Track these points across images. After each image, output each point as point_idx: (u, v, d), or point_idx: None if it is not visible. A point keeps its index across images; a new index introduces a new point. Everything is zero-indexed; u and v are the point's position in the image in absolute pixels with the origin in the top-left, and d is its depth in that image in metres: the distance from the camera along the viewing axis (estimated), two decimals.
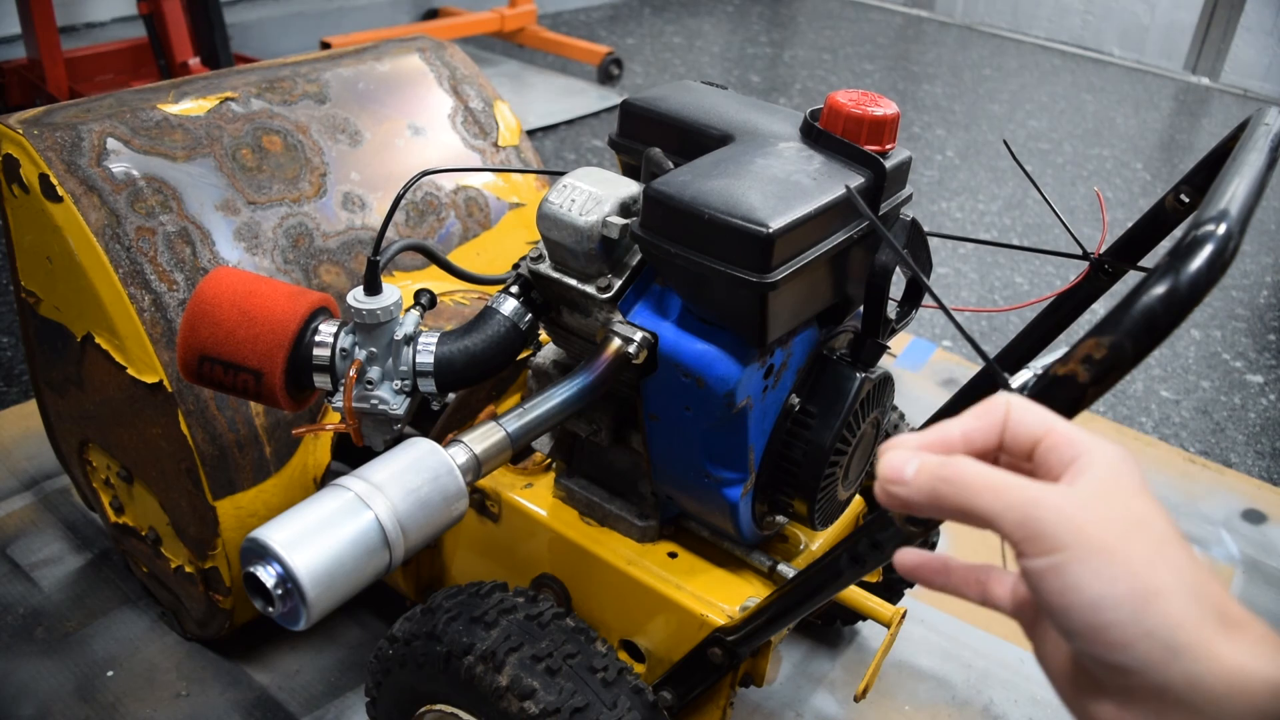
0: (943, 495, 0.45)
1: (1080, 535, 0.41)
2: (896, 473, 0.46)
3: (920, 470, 0.46)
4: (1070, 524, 0.42)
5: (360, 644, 1.42)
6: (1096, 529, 0.41)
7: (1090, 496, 0.43)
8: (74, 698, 1.31)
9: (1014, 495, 0.43)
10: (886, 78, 4.17)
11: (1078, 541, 0.41)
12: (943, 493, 0.45)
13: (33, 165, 1.14)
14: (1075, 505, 0.42)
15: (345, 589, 0.70)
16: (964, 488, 0.44)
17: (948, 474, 0.45)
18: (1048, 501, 0.42)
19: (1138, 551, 0.41)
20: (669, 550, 1.04)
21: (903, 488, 0.46)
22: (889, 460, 0.47)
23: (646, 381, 0.90)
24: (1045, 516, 0.42)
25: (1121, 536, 0.41)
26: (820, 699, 1.40)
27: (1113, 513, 0.42)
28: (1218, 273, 0.54)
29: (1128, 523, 0.42)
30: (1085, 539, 0.41)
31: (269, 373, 0.87)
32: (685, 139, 0.95)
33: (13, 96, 2.78)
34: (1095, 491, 0.43)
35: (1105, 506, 0.42)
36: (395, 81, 1.46)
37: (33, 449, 1.71)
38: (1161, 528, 0.43)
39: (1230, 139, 0.84)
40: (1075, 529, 0.41)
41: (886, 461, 0.47)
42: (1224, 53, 4.38)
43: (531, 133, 3.22)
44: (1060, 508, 0.42)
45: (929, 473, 0.45)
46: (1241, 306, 2.63)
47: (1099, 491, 0.43)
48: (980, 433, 0.48)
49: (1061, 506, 0.42)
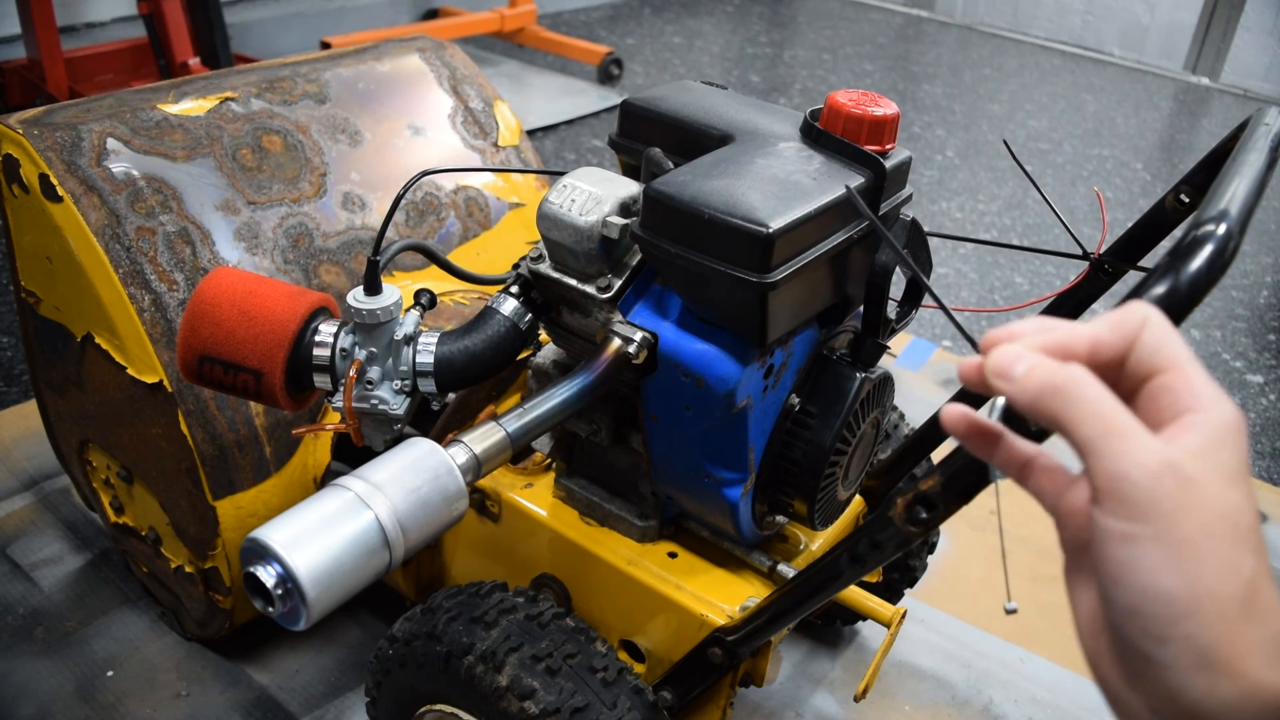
0: (1046, 405, 0.42)
1: (1165, 518, 0.39)
2: (1005, 368, 0.43)
3: (1033, 371, 0.42)
4: (1162, 502, 0.39)
5: (360, 644, 1.42)
6: (1183, 516, 0.39)
7: (1189, 471, 0.39)
8: (74, 698, 1.31)
9: (1119, 443, 0.40)
10: (886, 78, 4.17)
11: (1160, 521, 0.39)
12: (1048, 404, 0.42)
13: (33, 165, 1.14)
14: (1175, 479, 0.39)
15: (345, 589, 0.70)
16: (1073, 406, 0.41)
17: (1061, 383, 0.42)
18: (1148, 465, 0.39)
19: (1213, 553, 0.39)
20: (669, 550, 1.04)
21: (1007, 384, 0.43)
22: (1001, 354, 0.44)
23: (646, 381, 0.90)
24: (1139, 481, 0.39)
25: (1204, 531, 0.39)
26: (820, 699, 1.40)
27: (1206, 499, 0.39)
28: (1218, 273, 0.54)
29: (1216, 514, 0.39)
30: (1169, 524, 0.39)
31: (269, 373, 0.87)
32: (685, 139, 0.95)
33: (13, 96, 2.78)
34: (1196, 462, 0.40)
35: (1201, 487, 0.39)
36: (395, 81, 1.46)
37: (33, 449, 1.71)
38: (1246, 525, 0.40)
39: (1230, 139, 0.84)
40: (1165, 510, 0.39)
41: (999, 355, 0.44)
42: (1224, 53, 4.38)
43: (531, 133, 3.22)
44: (1158, 478, 0.39)
45: (1043, 376, 0.42)
46: (1241, 306, 2.63)
47: (1200, 463, 0.40)
48: (1109, 347, 0.44)
49: (1160, 477, 0.39)
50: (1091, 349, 0.44)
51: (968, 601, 1.57)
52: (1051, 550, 1.68)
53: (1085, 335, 0.44)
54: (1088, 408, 0.41)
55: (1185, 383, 0.42)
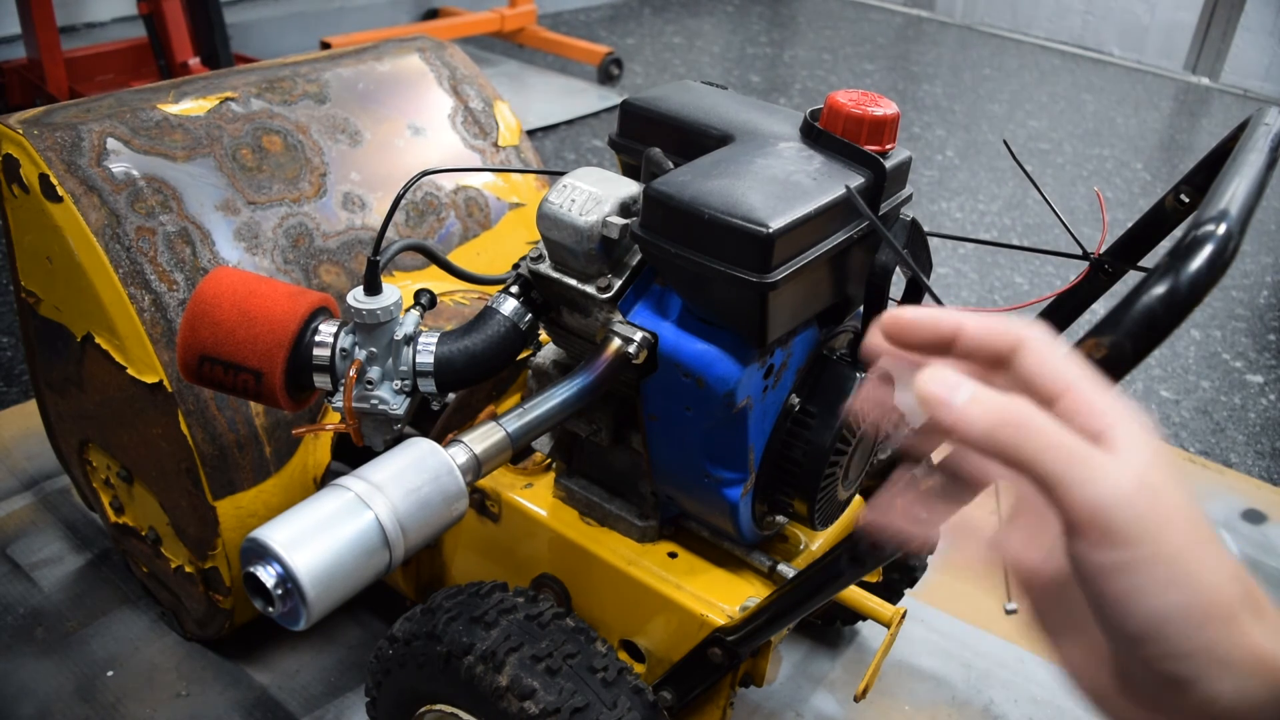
0: (1000, 440, 0.38)
1: (1152, 532, 0.37)
2: (944, 394, 0.40)
3: (976, 400, 0.39)
4: (1146, 520, 0.37)
5: (360, 644, 1.42)
6: (1168, 529, 0.38)
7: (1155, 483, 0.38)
8: (74, 698, 1.31)
9: (1086, 471, 0.38)
10: (886, 78, 4.17)
11: (1149, 539, 0.37)
12: (1001, 437, 0.38)
13: (33, 165, 1.14)
14: (1150, 494, 0.38)
15: (345, 589, 0.70)
16: (1031, 439, 0.38)
17: (1013, 416, 0.38)
18: (1123, 486, 0.37)
19: (1204, 556, 0.38)
20: (669, 550, 1.04)
21: (948, 414, 0.39)
22: (934, 377, 0.40)
23: (646, 381, 0.90)
24: (1114, 500, 0.37)
25: (1190, 537, 0.38)
26: (820, 699, 1.40)
27: (1177, 505, 0.38)
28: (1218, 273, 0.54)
29: (1189, 518, 0.38)
30: (1158, 538, 0.37)
31: (269, 373, 0.87)
32: (685, 139, 0.95)
33: (13, 96, 2.78)
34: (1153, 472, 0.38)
35: (1168, 495, 0.38)
36: (395, 81, 1.46)
37: (33, 449, 1.71)
38: (1206, 521, 0.39)
39: (1230, 139, 0.84)
40: (1151, 528, 0.37)
41: (932, 380, 0.40)
42: (1224, 53, 4.38)
43: (531, 133, 3.22)
44: (1135, 498, 0.37)
45: (990, 407, 0.39)
46: (1241, 306, 2.63)
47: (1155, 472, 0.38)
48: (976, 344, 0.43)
49: (1136, 496, 0.37)
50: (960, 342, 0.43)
51: (968, 601, 1.57)
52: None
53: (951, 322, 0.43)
54: (1045, 438, 0.38)
55: (1084, 402, 0.40)
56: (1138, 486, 0.38)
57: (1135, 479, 0.38)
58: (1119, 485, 0.38)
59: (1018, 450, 0.38)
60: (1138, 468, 0.38)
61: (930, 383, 0.40)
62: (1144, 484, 0.38)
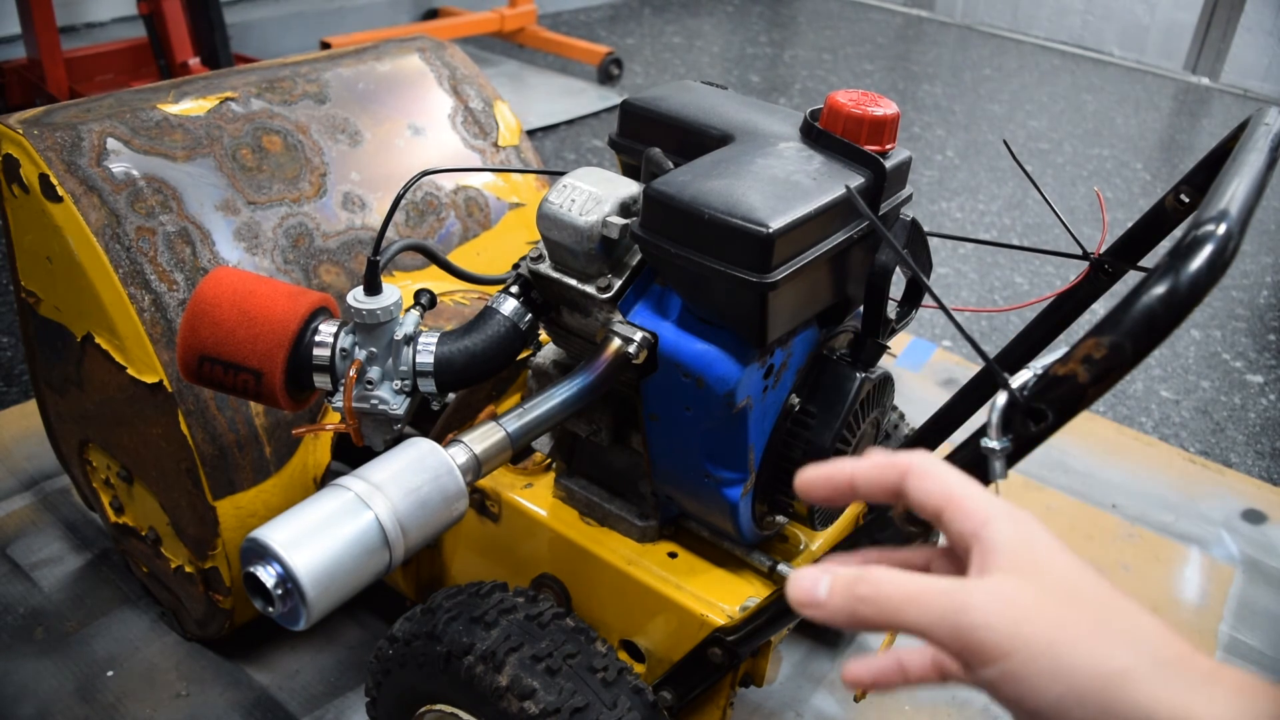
0: (864, 616, 0.42)
1: (1019, 637, 0.39)
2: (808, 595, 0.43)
3: (834, 591, 0.43)
4: (1005, 627, 0.39)
5: (360, 644, 1.41)
6: (1033, 625, 0.39)
7: (1012, 585, 0.40)
8: (74, 698, 1.31)
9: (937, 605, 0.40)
10: (886, 78, 4.17)
11: (1019, 645, 0.39)
12: (863, 614, 0.42)
13: (33, 165, 1.14)
14: (1002, 602, 0.40)
15: (345, 589, 0.70)
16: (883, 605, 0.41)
17: (863, 592, 0.42)
18: (974, 606, 0.40)
19: (1084, 635, 0.39)
20: (669, 550, 1.04)
21: (819, 611, 0.43)
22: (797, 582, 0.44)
23: (646, 381, 0.90)
24: (976, 623, 0.39)
25: (1061, 623, 0.39)
26: (820, 699, 1.40)
27: (1042, 596, 0.40)
28: (1218, 273, 0.54)
29: (1061, 602, 0.40)
30: (1026, 640, 0.39)
31: (269, 373, 0.87)
32: (685, 139, 0.95)
33: (13, 96, 2.78)
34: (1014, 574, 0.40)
35: (1031, 591, 0.40)
36: (395, 81, 1.46)
37: (33, 449, 1.71)
38: (1095, 590, 0.40)
39: (1230, 139, 0.84)
40: (1011, 631, 0.39)
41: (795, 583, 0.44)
42: (1224, 53, 4.38)
43: (531, 133, 3.22)
44: (987, 610, 0.39)
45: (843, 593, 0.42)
46: (1241, 306, 2.62)
47: (1017, 572, 0.40)
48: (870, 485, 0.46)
49: (988, 608, 0.39)
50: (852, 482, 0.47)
51: None
52: None
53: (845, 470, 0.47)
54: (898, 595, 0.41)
55: (960, 509, 0.43)
56: (992, 602, 0.40)
57: (989, 597, 0.40)
58: (969, 604, 0.40)
59: (881, 618, 0.42)
60: (994, 584, 0.41)
61: (794, 590, 0.44)
62: (998, 597, 0.40)
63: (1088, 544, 1.71)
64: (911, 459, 0.46)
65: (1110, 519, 1.77)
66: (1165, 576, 1.66)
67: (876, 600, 0.42)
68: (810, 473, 0.48)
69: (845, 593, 0.43)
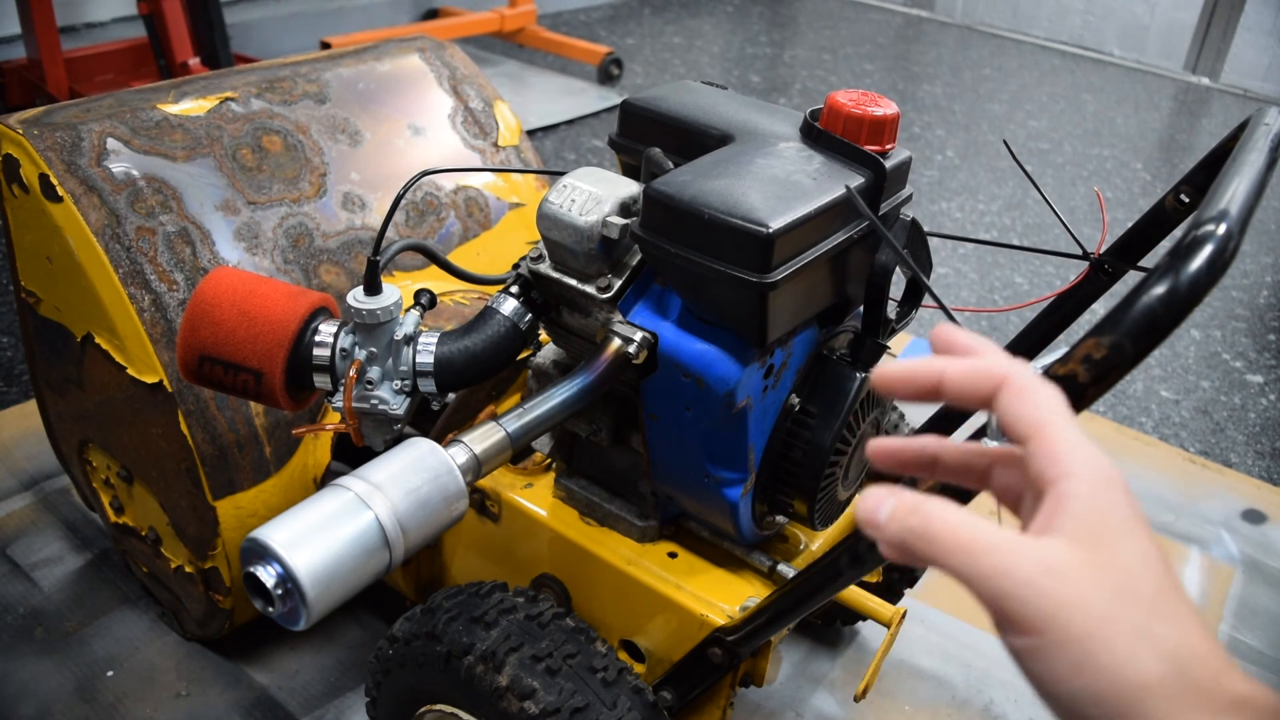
0: (913, 549, 0.41)
1: (1058, 620, 0.37)
2: (870, 515, 0.43)
3: (893, 516, 0.42)
4: (1046, 605, 0.38)
5: (360, 644, 1.41)
6: (1075, 610, 0.37)
7: (1067, 559, 0.38)
8: (74, 698, 1.31)
9: (985, 563, 0.39)
10: (886, 78, 4.17)
11: (1055, 627, 0.37)
12: (913, 547, 0.41)
13: (33, 165, 1.14)
14: (1051, 578, 0.38)
15: (345, 589, 0.70)
16: (933, 544, 0.41)
17: (916, 525, 0.41)
18: (1021, 574, 0.38)
19: (1123, 635, 0.37)
20: (669, 550, 1.04)
21: (877, 533, 0.43)
22: (866, 499, 0.43)
23: (646, 381, 0.90)
24: (1018, 594, 0.38)
25: (1104, 617, 0.37)
26: (820, 699, 1.40)
27: (1095, 580, 0.38)
28: (1218, 273, 0.54)
29: (1113, 592, 0.38)
30: (1064, 625, 0.37)
31: (269, 373, 0.87)
32: (685, 139, 0.95)
33: (13, 96, 2.78)
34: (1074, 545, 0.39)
35: (1086, 572, 0.38)
36: (395, 81, 1.46)
37: (33, 449, 1.71)
38: (1153, 584, 0.39)
39: (1230, 139, 0.84)
40: (1051, 611, 0.38)
41: (864, 500, 0.44)
42: (1224, 53, 4.38)
43: (531, 133, 3.22)
44: (1034, 583, 0.38)
45: (899, 523, 0.42)
46: (1241, 306, 2.63)
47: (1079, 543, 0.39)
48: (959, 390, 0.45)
49: (1035, 581, 0.38)
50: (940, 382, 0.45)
51: (967, 601, 1.56)
52: None
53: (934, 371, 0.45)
54: (950, 540, 0.40)
55: (1047, 449, 0.42)
56: (1038, 572, 0.38)
57: (1036, 564, 0.38)
58: (1015, 574, 0.38)
59: (929, 555, 0.41)
60: (1048, 548, 0.39)
61: (861, 507, 0.44)
62: (1046, 568, 0.38)
63: None
64: (1010, 369, 0.43)
65: None
66: None
67: (926, 538, 0.41)
68: (892, 368, 0.46)
69: (901, 524, 0.42)
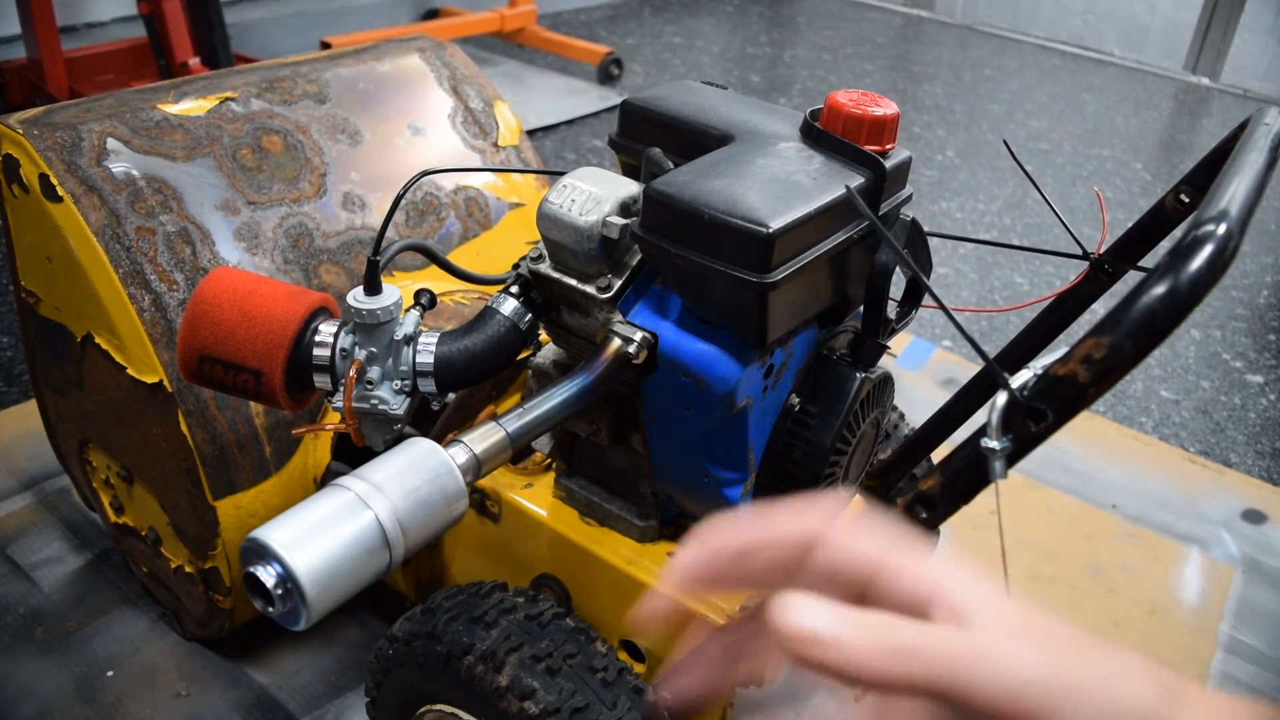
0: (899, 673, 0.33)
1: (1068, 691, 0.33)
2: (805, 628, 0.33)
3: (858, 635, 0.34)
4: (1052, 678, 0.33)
5: (360, 644, 1.41)
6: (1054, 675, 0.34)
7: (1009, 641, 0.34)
8: (74, 698, 1.31)
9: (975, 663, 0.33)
10: (886, 78, 4.17)
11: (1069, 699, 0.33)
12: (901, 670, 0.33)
13: (33, 165, 1.14)
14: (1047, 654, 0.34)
15: (345, 589, 0.70)
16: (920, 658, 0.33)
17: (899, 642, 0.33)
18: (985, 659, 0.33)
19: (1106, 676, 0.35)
20: (669, 550, 1.04)
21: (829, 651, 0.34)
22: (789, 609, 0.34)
23: (646, 381, 0.90)
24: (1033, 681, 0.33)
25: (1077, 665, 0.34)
26: (820, 699, 1.40)
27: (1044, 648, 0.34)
28: (1218, 273, 0.54)
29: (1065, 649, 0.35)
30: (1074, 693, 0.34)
31: (269, 373, 0.87)
32: (685, 139, 0.95)
33: (13, 96, 2.78)
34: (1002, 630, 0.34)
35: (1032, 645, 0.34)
36: (395, 81, 1.46)
37: (33, 449, 1.71)
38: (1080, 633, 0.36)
39: (1230, 139, 0.84)
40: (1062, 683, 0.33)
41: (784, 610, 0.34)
42: (1224, 53, 4.38)
43: (531, 133, 3.22)
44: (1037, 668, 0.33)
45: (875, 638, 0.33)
46: (1241, 306, 2.62)
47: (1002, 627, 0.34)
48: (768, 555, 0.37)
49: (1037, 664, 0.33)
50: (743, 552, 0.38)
51: None
52: (1052, 550, 1.68)
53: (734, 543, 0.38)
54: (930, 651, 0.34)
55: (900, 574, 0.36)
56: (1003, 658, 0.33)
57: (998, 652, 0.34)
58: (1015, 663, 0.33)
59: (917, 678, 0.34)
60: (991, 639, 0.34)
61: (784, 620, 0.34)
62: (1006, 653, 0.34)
63: (1088, 544, 1.71)
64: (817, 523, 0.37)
65: (1110, 519, 1.77)
66: (1165, 576, 1.66)
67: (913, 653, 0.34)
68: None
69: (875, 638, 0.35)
